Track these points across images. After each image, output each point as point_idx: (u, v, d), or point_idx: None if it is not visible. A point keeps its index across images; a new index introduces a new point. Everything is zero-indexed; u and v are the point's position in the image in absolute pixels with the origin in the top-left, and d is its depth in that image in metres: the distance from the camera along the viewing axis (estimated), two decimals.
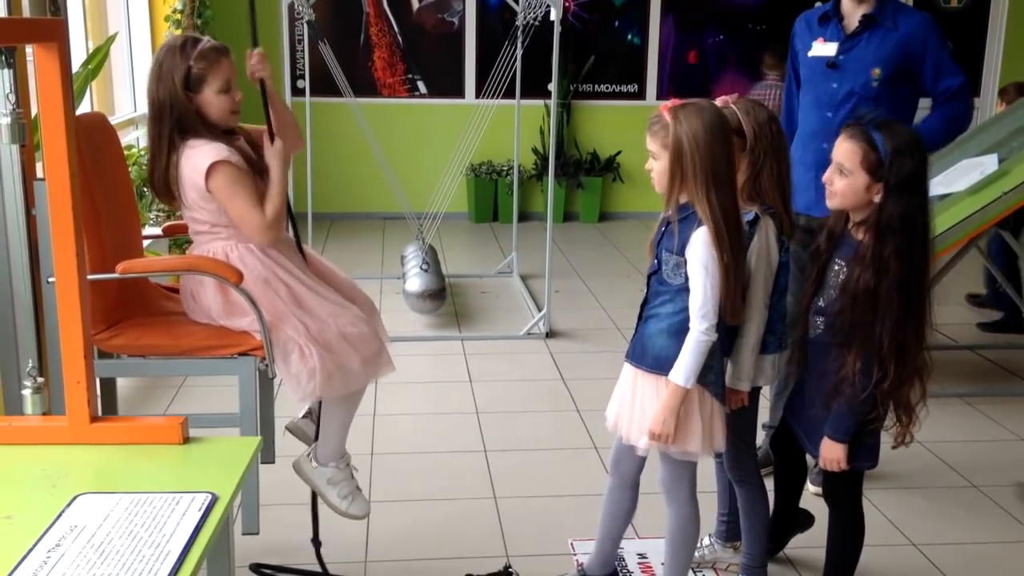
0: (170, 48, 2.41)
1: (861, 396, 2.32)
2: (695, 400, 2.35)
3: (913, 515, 3.15)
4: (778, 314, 2.55)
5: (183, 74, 2.38)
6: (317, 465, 2.64)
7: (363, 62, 7.86)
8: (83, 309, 1.90)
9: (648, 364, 2.39)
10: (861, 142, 2.31)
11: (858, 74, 3.20)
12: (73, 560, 1.52)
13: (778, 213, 2.48)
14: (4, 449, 1.88)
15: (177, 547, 1.56)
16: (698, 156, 2.24)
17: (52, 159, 1.82)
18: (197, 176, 2.38)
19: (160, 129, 2.41)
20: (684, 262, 2.30)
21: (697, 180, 2.25)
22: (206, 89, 2.42)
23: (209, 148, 2.39)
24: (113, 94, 5.94)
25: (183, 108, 2.39)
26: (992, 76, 8.51)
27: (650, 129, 2.34)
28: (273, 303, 2.45)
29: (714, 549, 2.90)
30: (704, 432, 2.36)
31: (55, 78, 1.78)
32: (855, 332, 2.31)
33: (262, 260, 2.48)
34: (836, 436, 2.41)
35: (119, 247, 2.56)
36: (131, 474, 1.85)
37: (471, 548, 2.96)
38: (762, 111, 2.48)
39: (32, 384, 1.88)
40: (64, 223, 1.83)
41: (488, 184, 8.00)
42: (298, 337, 2.42)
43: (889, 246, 2.27)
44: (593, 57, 8.08)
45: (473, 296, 5.81)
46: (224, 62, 2.44)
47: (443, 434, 3.83)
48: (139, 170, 5.26)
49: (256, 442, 1.97)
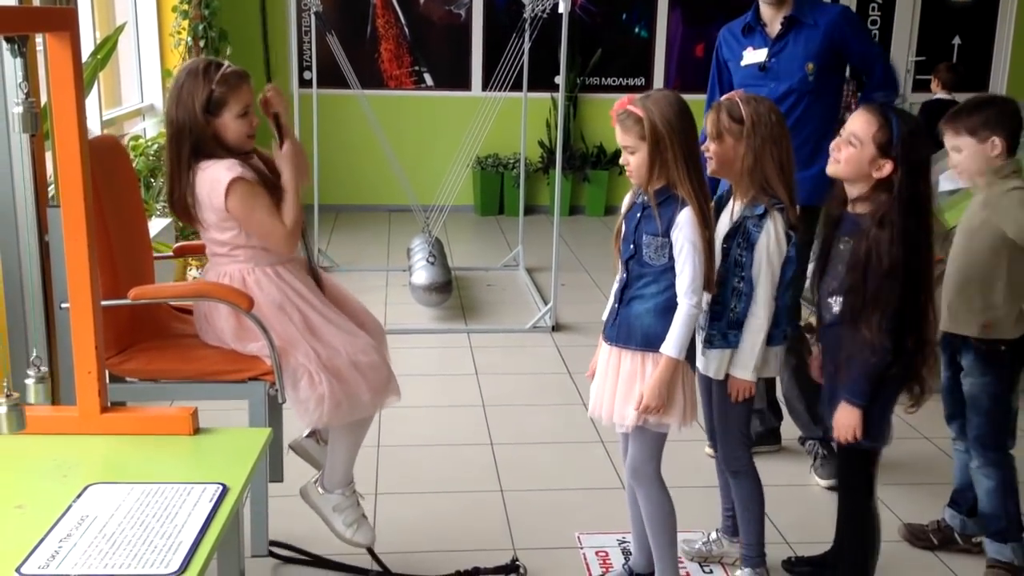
0: (192, 71, 2.44)
1: (877, 360, 2.34)
2: (679, 374, 2.42)
3: (928, 512, 3.12)
4: (783, 307, 2.58)
5: (204, 97, 2.41)
6: (324, 492, 2.67)
7: (370, 54, 7.85)
8: (94, 296, 1.90)
9: (637, 343, 2.44)
10: (878, 117, 2.35)
11: (793, 73, 3.36)
12: (84, 550, 1.52)
13: (785, 206, 2.51)
14: (15, 439, 1.88)
15: (189, 538, 1.56)
16: (675, 138, 2.34)
17: (64, 156, 1.82)
18: (215, 197, 2.41)
19: (179, 150, 2.44)
20: (667, 243, 2.39)
21: (678, 163, 2.35)
22: (225, 113, 2.44)
23: (220, 167, 2.41)
24: (120, 84, 5.94)
25: (201, 130, 2.42)
26: (1001, 71, 8.48)
27: (622, 125, 2.41)
28: (286, 329, 2.48)
29: (721, 544, 2.91)
30: (687, 405, 2.45)
31: (67, 67, 1.78)
32: (870, 303, 2.33)
33: (278, 285, 2.51)
34: (852, 399, 2.39)
35: (131, 270, 2.60)
36: (142, 464, 1.85)
37: (477, 541, 2.96)
38: (764, 103, 2.54)
39: (36, 373, 1.88)
40: (79, 244, 1.83)
41: (494, 177, 7.99)
42: (308, 364, 2.45)
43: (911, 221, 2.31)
44: (600, 50, 8.06)
45: (479, 289, 5.80)
46: (245, 87, 2.48)
47: (449, 427, 3.83)
48: (145, 160, 5.27)
49: (266, 434, 1.97)
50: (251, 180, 2.44)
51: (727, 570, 2.87)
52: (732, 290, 2.54)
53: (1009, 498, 2.74)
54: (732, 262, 2.54)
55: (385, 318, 5.28)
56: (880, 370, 2.36)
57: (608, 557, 2.93)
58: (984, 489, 2.75)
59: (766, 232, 2.50)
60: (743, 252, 2.53)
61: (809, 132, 3.33)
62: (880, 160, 2.33)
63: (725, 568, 2.88)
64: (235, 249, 2.50)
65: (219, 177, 2.40)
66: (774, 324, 2.56)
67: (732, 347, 2.56)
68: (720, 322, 2.57)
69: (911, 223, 2.30)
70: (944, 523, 2.97)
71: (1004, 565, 2.74)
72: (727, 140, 2.52)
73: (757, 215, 2.50)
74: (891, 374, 2.38)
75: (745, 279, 2.53)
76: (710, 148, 2.55)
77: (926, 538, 2.98)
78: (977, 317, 2.68)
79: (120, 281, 2.47)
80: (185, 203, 2.47)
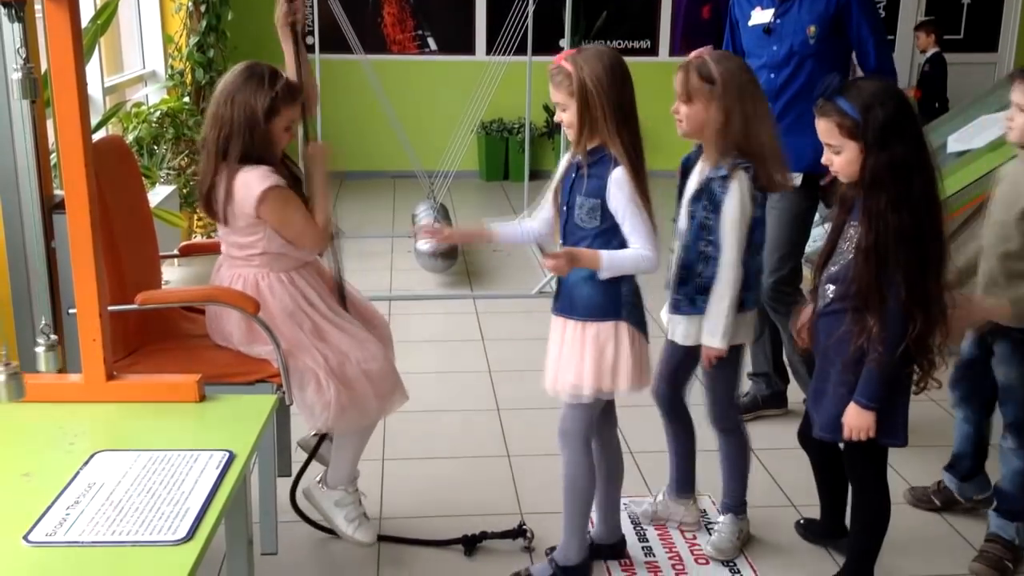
0: (255, 74, 2.45)
1: (889, 357, 2.24)
2: (625, 339, 2.39)
3: (935, 474, 3.13)
4: (754, 271, 2.53)
5: (268, 102, 2.41)
6: (326, 488, 2.70)
7: (372, 18, 7.78)
8: (98, 270, 1.89)
9: (579, 313, 2.42)
10: (832, 115, 2.24)
11: (796, 34, 3.33)
12: (92, 517, 1.52)
13: (751, 166, 2.42)
14: (21, 407, 1.88)
15: (196, 504, 1.56)
16: (604, 97, 2.28)
17: (64, 122, 1.80)
18: (247, 203, 2.42)
19: (227, 148, 2.43)
20: (600, 205, 2.34)
21: (608, 121, 2.29)
22: (277, 121, 2.46)
23: (256, 173, 2.42)
24: (121, 50, 5.89)
25: (261, 132, 2.43)
26: (1011, 31, 8.39)
27: (552, 81, 2.36)
28: (295, 334, 2.49)
29: (667, 505, 2.90)
30: (635, 369, 2.41)
31: (65, 32, 1.76)
32: (870, 292, 2.25)
33: (290, 291, 2.53)
34: (865, 403, 2.29)
35: (138, 273, 2.60)
36: (148, 432, 1.85)
37: (484, 506, 2.97)
38: (733, 60, 2.48)
39: (45, 342, 1.88)
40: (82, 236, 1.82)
41: (499, 142, 7.94)
42: (317, 369, 2.47)
43: (882, 200, 2.19)
44: (605, 13, 7.97)
45: (485, 255, 5.78)
46: (297, 104, 2.52)
47: (455, 392, 3.83)
48: (148, 127, 5.24)
49: (272, 400, 1.97)
50: (284, 187, 2.46)
51: (681, 528, 2.88)
52: (699, 254, 2.48)
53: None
54: (698, 225, 2.47)
55: (391, 284, 5.28)
56: (892, 365, 2.26)
57: (628, 513, 2.93)
58: (1012, 469, 2.69)
59: (731, 194, 2.42)
60: (709, 215, 2.45)
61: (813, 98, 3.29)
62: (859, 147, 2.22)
63: (680, 529, 2.88)
64: (253, 255, 2.51)
65: (254, 184, 2.41)
66: (744, 288, 2.49)
67: (700, 313, 2.51)
68: (687, 286, 2.52)
69: (897, 197, 2.18)
70: (943, 485, 2.98)
71: (1004, 542, 2.70)
72: (697, 102, 2.45)
73: (721, 176, 2.43)
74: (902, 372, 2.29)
75: (712, 243, 2.45)
76: (680, 110, 2.48)
77: (928, 500, 2.99)
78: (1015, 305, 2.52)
79: (127, 284, 2.49)
80: (215, 199, 2.46)
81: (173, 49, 6.10)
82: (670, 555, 2.77)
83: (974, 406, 2.86)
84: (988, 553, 2.70)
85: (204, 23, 6.04)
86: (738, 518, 2.78)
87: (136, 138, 5.19)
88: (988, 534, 2.75)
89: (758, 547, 2.82)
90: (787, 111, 3.27)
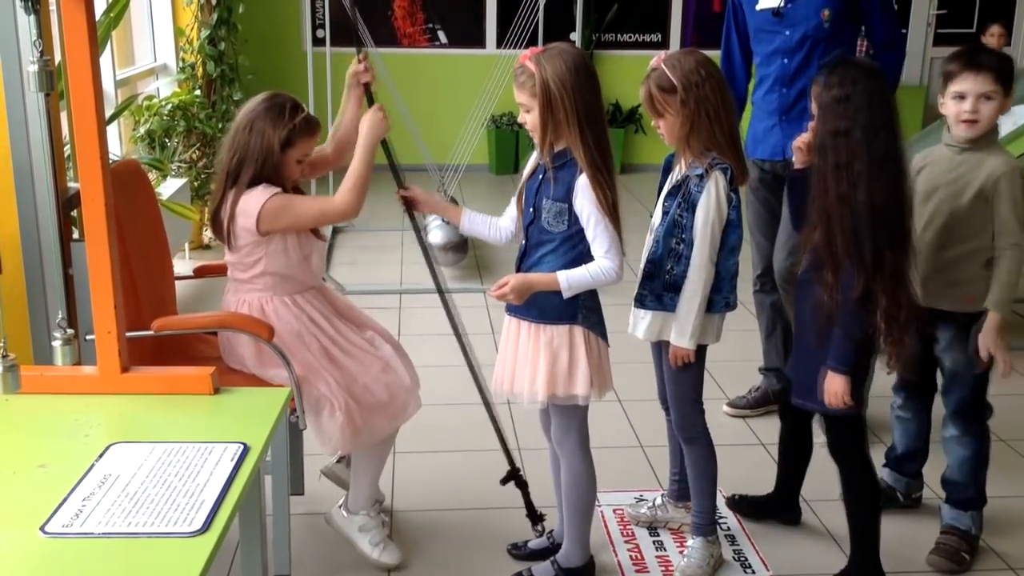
0: (276, 105, 2.49)
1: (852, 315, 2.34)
2: (580, 343, 2.36)
3: (933, 471, 3.12)
4: (726, 272, 2.47)
5: (285, 133, 2.46)
6: (348, 514, 2.70)
7: (383, 11, 7.78)
8: (112, 261, 1.89)
9: (533, 316, 2.39)
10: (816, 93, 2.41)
11: (809, 18, 3.27)
12: (108, 509, 1.53)
13: (728, 166, 2.39)
14: (37, 399, 1.89)
15: (211, 496, 1.57)
16: (567, 99, 2.21)
17: (80, 112, 1.80)
18: (249, 220, 2.44)
19: (239, 172, 2.46)
20: (567, 209, 2.30)
21: (570, 124, 2.23)
22: (291, 153, 2.50)
23: (258, 191, 2.45)
24: (133, 43, 5.90)
25: (275, 161, 2.48)
26: (1023, 26, 8.33)
27: (516, 81, 2.30)
28: (305, 357, 2.50)
29: (666, 509, 2.89)
30: (593, 375, 2.37)
31: (81, 24, 1.77)
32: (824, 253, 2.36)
33: (296, 314, 2.54)
34: (836, 366, 2.40)
35: (153, 296, 2.62)
36: (163, 424, 1.86)
37: (494, 499, 2.97)
38: (688, 59, 2.40)
39: (62, 335, 1.89)
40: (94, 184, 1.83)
41: (509, 135, 7.94)
42: (329, 394, 2.47)
43: (827, 163, 2.33)
44: (616, 6, 7.96)
45: (494, 248, 5.77)
46: (314, 139, 2.57)
47: (466, 385, 3.81)
48: (160, 120, 5.25)
49: (286, 393, 1.98)
50: (279, 192, 2.48)
51: (674, 535, 2.86)
52: (670, 251, 2.44)
53: (981, 469, 2.72)
54: (671, 221, 2.43)
55: (401, 277, 5.28)
56: (857, 324, 2.35)
57: (625, 514, 2.94)
58: (957, 458, 2.72)
59: (707, 193, 2.38)
60: (683, 213, 2.41)
61: None
62: None
63: (672, 533, 2.87)
64: (256, 276, 2.53)
65: (252, 202, 2.44)
66: (716, 290, 2.46)
67: (668, 310, 2.47)
68: (653, 282, 2.47)
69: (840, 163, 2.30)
70: (885, 484, 2.94)
71: (960, 533, 2.71)
72: (667, 114, 2.40)
73: (697, 175, 2.39)
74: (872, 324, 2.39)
75: (684, 240, 2.42)
76: (659, 125, 2.45)
77: None
78: (957, 291, 2.60)
79: (143, 308, 2.50)
80: (220, 220, 2.50)
81: (184, 42, 6.10)
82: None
83: (921, 403, 2.86)
84: (945, 545, 2.70)
85: (215, 16, 6.04)
86: (708, 541, 2.67)
87: (148, 131, 5.21)
88: (944, 526, 2.75)
89: (768, 539, 2.83)
90: (802, 96, 3.23)
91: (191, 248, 5.52)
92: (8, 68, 2.36)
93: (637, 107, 7.96)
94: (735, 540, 2.84)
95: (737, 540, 2.84)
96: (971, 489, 2.73)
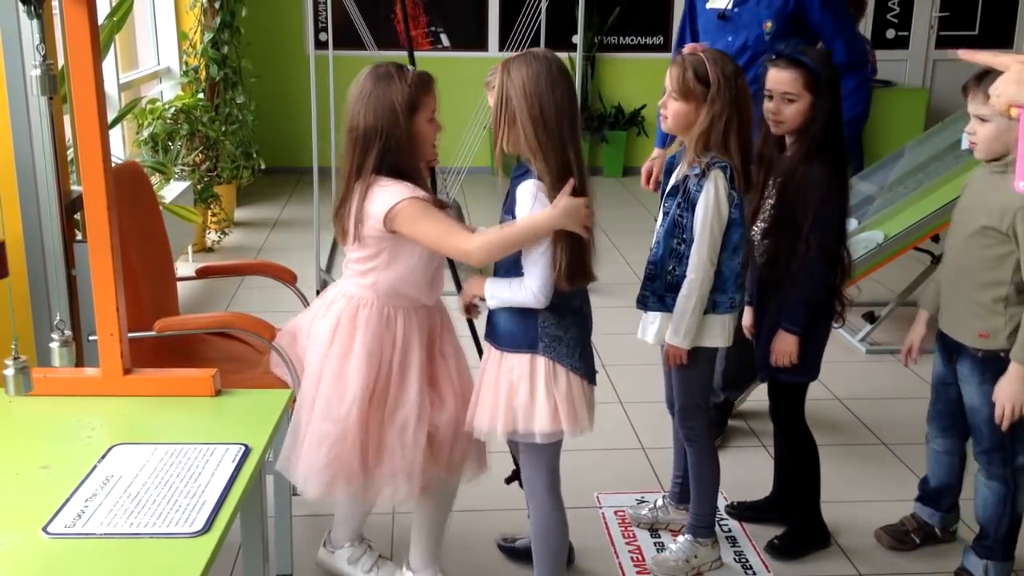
0: (383, 75, 2.22)
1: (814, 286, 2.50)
2: (540, 375, 2.16)
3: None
4: (730, 272, 2.43)
5: (405, 98, 2.19)
6: (333, 550, 2.64)
7: (385, 14, 7.79)
8: (115, 262, 1.90)
9: (500, 342, 2.23)
10: (798, 68, 2.49)
11: (751, 27, 3.22)
12: (110, 509, 1.54)
13: (732, 166, 2.36)
14: (39, 400, 1.90)
15: (213, 497, 1.57)
16: (528, 108, 2.05)
17: (82, 116, 1.81)
18: (380, 212, 2.16)
19: (363, 158, 2.19)
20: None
21: (527, 133, 2.06)
22: (419, 115, 2.23)
23: (397, 186, 2.18)
24: (136, 47, 5.92)
25: (401, 133, 2.19)
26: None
27: (487, 86, 2.19)
28: (351, 378, 2.23)
29: (667, 511, 2.88)
30: (555, 410, 2.16)
31: (83, 28, 1.78)
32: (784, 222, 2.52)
33: (378, 334, 2.26)
34: (788, 326, 2.55)
35: (155, 298, 2.62)
36: (165, 425, 1.87)
37: (496, 501, 2.97)
38: (730, 63, 2.36)
39: (60, 337, 1.89)
40: (97, 191, 1.83)
41: None
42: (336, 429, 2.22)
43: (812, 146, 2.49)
44: (618, 9, 7.96)
45: None
46: (433, 90, 2.29)
47: None
48: (163, 123, 5.26)
49: (287, 394, 1.98)
50: (423, 199, 2.18)
51: (675, 537, 2.81)
52: (671, 252, 2.41)
53: (1005, 516, 2.53)
54: (671, 222, 2.41)
55: None
56: (817, 296, 2.51)
57: (626, 516, 2.95)
58: (981, 498, 2.57)
59: (705, 191, 2.34)
60: (684, 212, 2.38)
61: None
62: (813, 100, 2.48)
63: (673, 535, 2.84)
64: (367, 272, 2.27)
65: (392, 195, 2.16)
66: (720, 291, 2.42)
67: (671, 312, 2.43)
68: (655, 283, 2.44)
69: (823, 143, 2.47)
70: (922, 520, 2.82)
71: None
72: (689, 101, 2.35)
73: (696, 174, 2.36)
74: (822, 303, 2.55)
75: (685, 241, 2.39)
76: (668, 105, 2.40)
77: (908, 540, 2.81)
78: (973, 322, 2.42)
79: (145, 309, 2.49)
80: (347, 215, 2.22)
81: (187, 45, 6.12)
82: None
83: (955, 435, 2.69)
84: None
85: (218, 19, 6.06)
86: (698, 542, 2.64)
87: (151, 134, 5.22)
88: (958, 567, 2.65)
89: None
90: None
91: (194, 251, 5.53)
92: (11, 72, 2.37)
93: (639, 110, 7.96)
94: (736, 542, 2.85)
95: (738, 542, 2.85)
96: (990, 537, 2.57)
